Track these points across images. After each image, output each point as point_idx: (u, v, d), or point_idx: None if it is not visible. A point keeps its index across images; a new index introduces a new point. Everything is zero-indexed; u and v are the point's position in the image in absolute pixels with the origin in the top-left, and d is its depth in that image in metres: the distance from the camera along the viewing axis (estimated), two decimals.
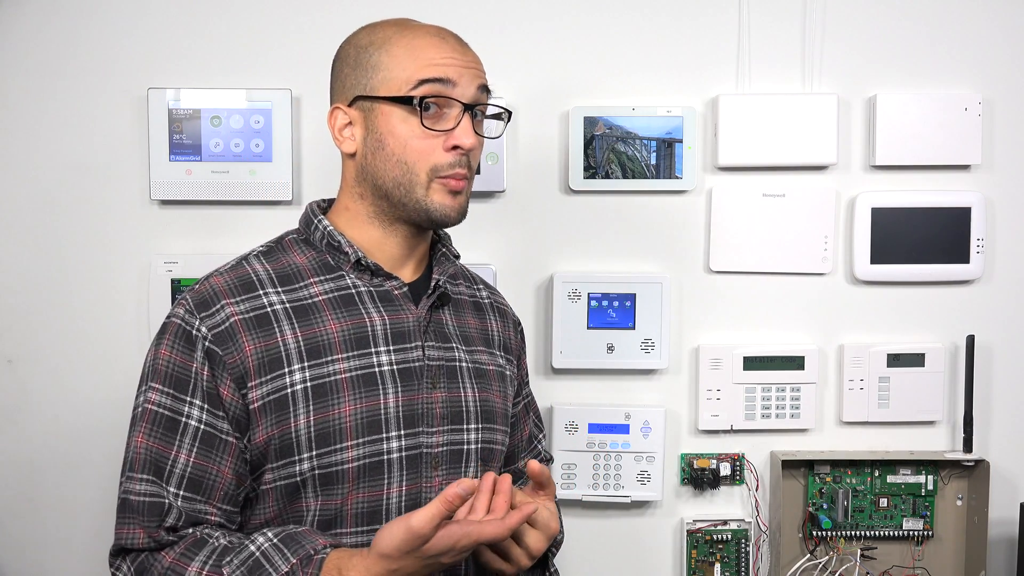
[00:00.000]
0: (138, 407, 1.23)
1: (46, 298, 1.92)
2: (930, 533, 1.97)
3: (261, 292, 1.25)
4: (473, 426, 1.30)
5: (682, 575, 1.98)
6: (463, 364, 1.32)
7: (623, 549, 2.00)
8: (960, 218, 1.94)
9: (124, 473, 1.22)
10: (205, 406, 1.20)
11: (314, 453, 1.20)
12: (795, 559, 1.96)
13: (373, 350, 1.24)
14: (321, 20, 1.90)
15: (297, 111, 1.91)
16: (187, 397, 1.21)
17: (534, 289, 1.96)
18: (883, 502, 1.97)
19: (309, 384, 1.21)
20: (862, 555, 1.96)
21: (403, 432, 1.24)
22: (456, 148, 1.23)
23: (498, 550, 1.20)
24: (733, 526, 1.97)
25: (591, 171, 1.92)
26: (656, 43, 1.94)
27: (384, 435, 1.22)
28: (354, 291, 1.27)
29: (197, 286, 1.26)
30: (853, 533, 1.96)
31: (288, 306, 1.24)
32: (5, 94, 1.90)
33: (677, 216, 1.96)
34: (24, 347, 1.93)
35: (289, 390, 1.20)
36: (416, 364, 1.26)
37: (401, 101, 1.23)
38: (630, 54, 1.94)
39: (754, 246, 1.95)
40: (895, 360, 1.95)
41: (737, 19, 1.95)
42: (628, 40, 1.94)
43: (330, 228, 1.28)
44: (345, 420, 1.21)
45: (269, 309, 1.24)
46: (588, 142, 1.92)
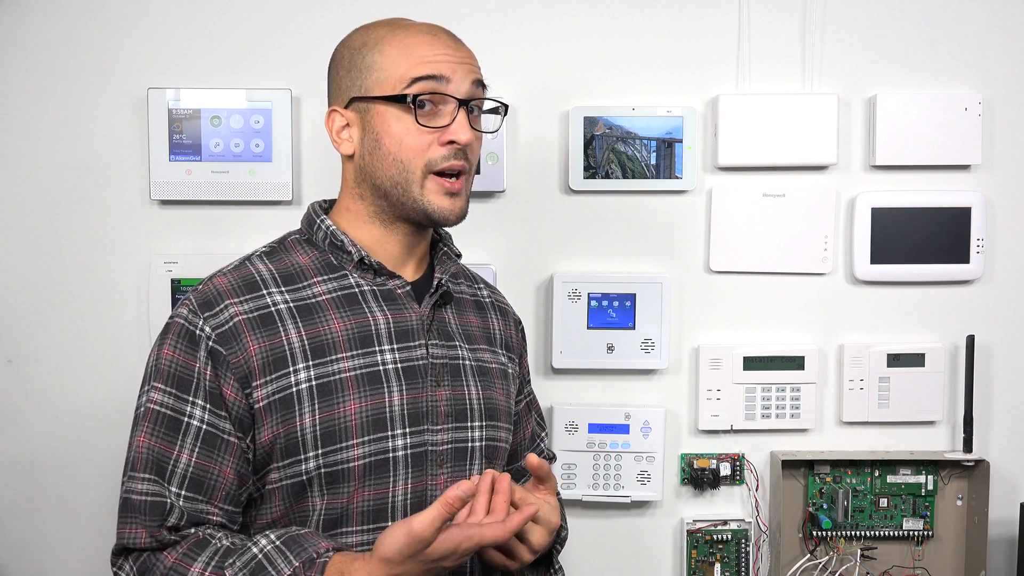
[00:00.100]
0: (140, 407, 1.23)
1: (46, 298, 1.92)
2: (930, 533, 1.97)
3: (265, 292, 1.25)
4: (477, 424, 1.31)
5: (682, 575, 1.99)
6: (466, 362, 1.32)
7: (623, 549, 2.00)
8: (960, 218, 1.94)
9: (126, 473, 1.22)
10: (207, 406, 1.20)
11: (320, 452, 1.20)
12: (795, 559, 1.96)
13: (377, 348, 1.25)
14: (321, 20, 1.90)
15: (297, 111, 1.91)
16: (189, 397, 1.21)
17: (534, 289, 1.96)
18: (883, 502, 1.97)
19: (314, 383, 1.21)
20: (862, 555, 1.96)
21: (408, 430, 1.24)
22: (451, 143, 1.24)
23: (501, 546, 1.20)
24: (733, 526, 1.97)
25: (591, 171, 1.92)
26: (656, 43, 1.94)
27: (389, 433, 1.23)
28: (357, 290, 1.27)
29: (201, 286, 1.26)
30: (853, 533, 1.96)
31: (292, 305, 1.25)
32: (5, 94, 1.90)
33: (677, 216, 1.96)
34: (24, 347, 1.93)
35: (294, 389, 1.21)
36: (420, 362, 1.27)
37: (395, 100, 1.23)
38: (630, 54, 1.94)
39: (754, 246, 1.95)
40: (895, 360, 1.95)
41: (737, 19, 1.95)
42: (628, 40, 1.94)
43: (333, 228, 1.29)
44: (350, 418, 1.21)
45: (273, 309, 1.24)
46: (588, 142, 1.92)
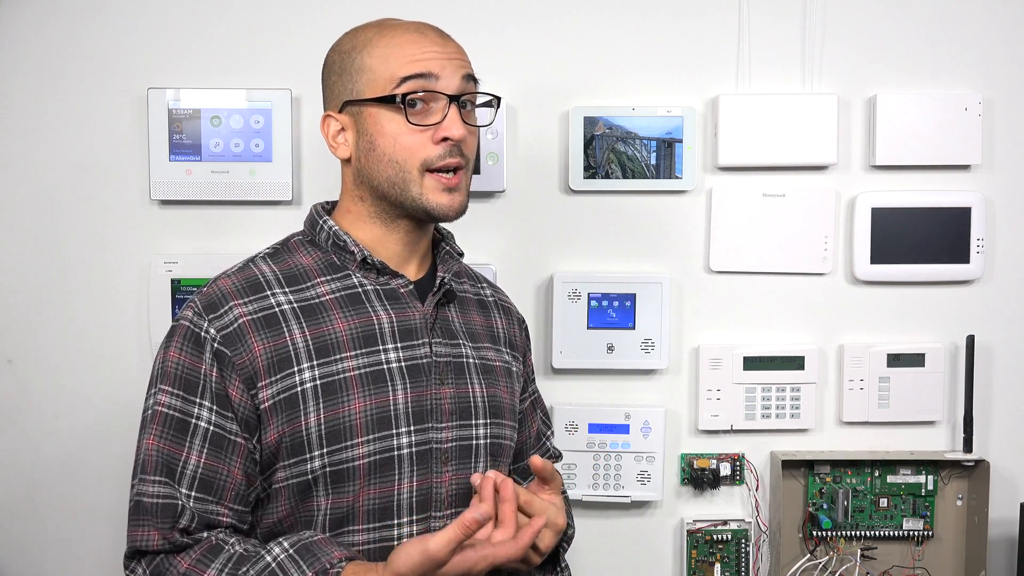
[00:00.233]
0: (148, 410, 1.24)
1: (46, 298, 1.92)
2: (930, 533, 1.97)
3: (269, 293, 1.26)
4: (482, 421, 1.31)
5: (682, 575, 1.99)
6: (470, 360, 1.33)
7: (623, 549, 2.00)
8: (960, 218, 1.94)
9: (136, 476, 1.22)
10: (214, 407, 1.21)
11: (325, 450, 1.21)
12: (795, 559, 1.96)
13: (381, 347, 1.25)
14: (321, 20, 1.90)
15: (297, 111, 1.91)
16: (196, 399, 1.21)
17: (534, 289, 1.96)
18: (883, 502, 1.97)
19: (319, 382, 1.22)
20: (862, 555, 1.96)
21: (412, 428, 1.24)
22: (445, 140, 1.24)
23: None
24: (733, 526, 1.97)
25: (591, 171, 1.92)
26: (656, 43, 1.94)
27: (394, 431, 1.23)
28: (361, 290, 1.28)
29: (205, 289, 1.27)
30: (853, 533, 1.96)
31: (296, 306, 1.25)
32: (5, 94, 1.90)
33: (677, 216, 1.96)
34: (24, 347, 1.93)
35: (299, 388, 1.21)
36: (424, 361, 1.27)
37: (386, 101, 1.24)
38: (630, 54, 1.94)
39: (754, 246, 1.95)
40: (895, 360, 1.95)
41: (737, 19, 1.95)
42: (628, 40, 1.94)
43: (336, 228, 1.29)
44: (355, 417, 1.22)
45: (277, 309, 1.25)
46: (588, 142, 1.92)
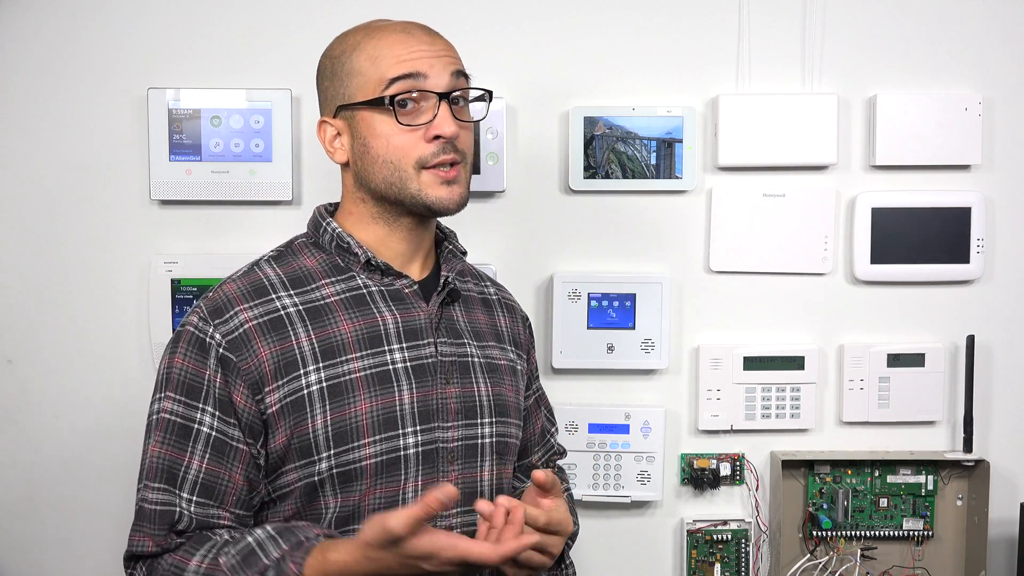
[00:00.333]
0: (152, 415, 1.25)
1: (46, 298, 1.92)
2: (930, 533, 1.97)
3: (274, 296, 1.26)
4: (487, 420, 1.32)
5: (682, 575, 1.99)
6: (475, 359, 1.33)
7: (623, 549, 2.00)
8: (960, 218, 1.94)
9: (141, 480, 1.24)
10: (217, 413, 1.22)
11: (332, 452, 1.22)
12: (795, 559, 1.96)
13: (386, 348, 1.26)
14: (321, 20, 1.90)
15: (297, 111, 1.91)
16: (199, 404, 1.22)
17: (534, 289, 1.96)
18: (883, 502, 1.97)
19: (325, 384, 1.23)
20: (862, 555, 1.96)
21: (419, 428, 1.25)
22: (438, 138, 1.25)
23: (520, 561, 1.19)
24: (733, 526, 1.97)
25: (591, 171, 1.92)
26: (656, 43, 1.94)
27: (400, 431, 1.24)
28: (365, 291, 1.29)
29: (211, 294, 1.27)
30: (853, 533, 1.96)
31: (301, 308, 1.26)
32: (5, 94, 1.90)
33: (677, 216, 1.96)
34: (24, 347, 1.93)
35: (305, 391, 1.22)
36: (429, 360, 1.28)
37: (376, 103, 1.25)
38: (630, 54, 1.94)
39: (754, 246, 1.95)
40: (895, 360, 1.95)
41: (737, 19, 1.94)
42: (628, 40, 1.94)
43: (339, 230, 1.30)
44: (361, 418, 1.22)
45: (283, 312, 1.25)
46: (588, 142, 1.92)
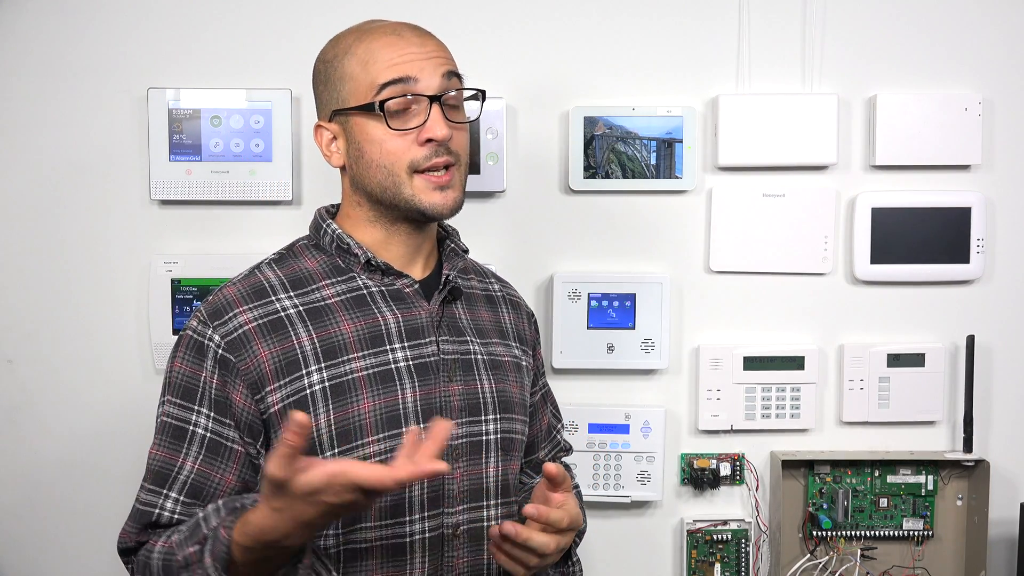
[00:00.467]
0: (156, 419, 1.27)
1: (46, 298, 1.92)
2: (930, 533, 1.97)
3: (273, 298, 1.27)
4: (491, 417, 1.32)
5: (682, 575, 1.99)
6: (478, 357, 1.33)
7: (623, 549, 1.99)
8: (960, 218, 1.94)
9: (141, 481, 1.26)
10: (212, 414, 1.23)
11: (336, 451, 1.22)
12: (795, 559, 1.96)
13: (388, 347, 1.26)
14: (321, 20, 1.90)
15: (297, 111, 1.91)
16: (195, 406, 1.23)
17: (534, 289, 1.96)
18: (883, 502, 1.97)
19: (327, 384, 1.23)
20: (862, 555, 1.96)
21: (422, 426, 1.25)
22: (430, 141, 1.25)
23: (517, 556, 1.19)
24: (733, 526, 1.97)
25: (591, 171, 1.92)
26: (656, 43, 1.94)
27: (404, 430, 1.24)
28: (366, 291, 1.29)
29: (211, 297, 1.28)
30: (853, 533, 1.96)
31: (301, 309, 1.27)
32: (5, 94, 1.90)
33: (677, 216, 1.96)
34: (24, 347, 1.93)
35: (308, 391, 1.23)
36: (431, 359, 1.28)
37: (367, 109, 1.25)
38: (630, 54, 1.94)
39: (754, 246, 1.95)
40: (895, 360, 1.95)
41: (737, 19, 1.95)
42: (628, 40, 1.94)
43: (339, 231, 1.30)
44: (364, 417, 1.23)
45: (283, 314, 1.26)
46: (588, 142, 1.92)
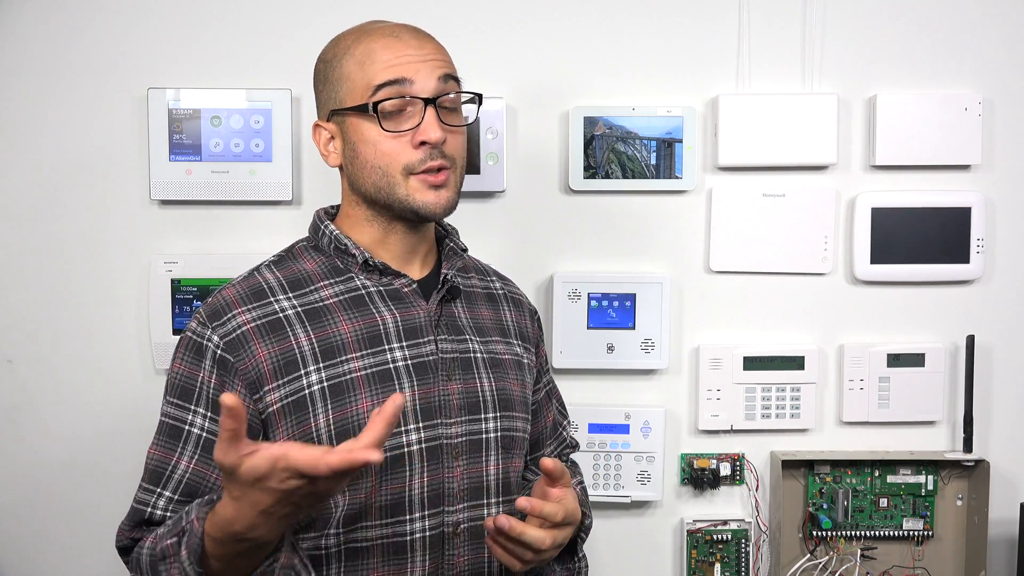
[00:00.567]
0: (159, 421, 1.28)
1: (46, 298, 1.92)
2: (930, 533, 1.97)
3: (272, 299, 1.28)
4: (491, 415, 1.32)
5: (682, 575, 1.99)
6: (477, 355, 1.34)
7: (623, 549, 1.99)
8: (960, 218, 1.94)
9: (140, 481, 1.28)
10: (208, 414, 1.24)
11: None
12: (795, 559, 1.96)
13: (386, 347, 1.27)
14: (321, 20, 1.90)
15: (297, 111, 1.91)
16: (191, 406, 1.24)
17: (534, 289, 1.96)
18: (883, 502, 1.97)
19: (326, 384, 1.24)
20: (862, 555, 1.96)
21: (421, 424, 1.26)
22: (424, 144, 1.25)
23: (512, 551, 1.20)
24: (733, 526, 1.97)
25: (591, 171, 1.92)
26: (656, 43, 1.94)
27: (403, 428, 1.25)
28: (364, 292, 1.30)
29: (210, 299, 1.29)
30: (853, 533, 1.96)
31: (300, 310, 1.27)
32: (5, 94, 1.90)
33: (677, 216, 1.96)
34: (24, 347, 1.93)
35: (307, 391, 1.23)
36: (430, 358, 1.29)
37: (363, 109, 1.25)
38: (630, 54, 1.94)
39: (754, 246, 1.95)
40: (895, 360, 1.95)
41: (737, 19, 1.95)
42: (628, 40, 1.94)
43: (336, 232, 1.31)
44: (363, 416, 1.23)
45: (281, 315, 1.27)
46: (588, 142, 1.92)
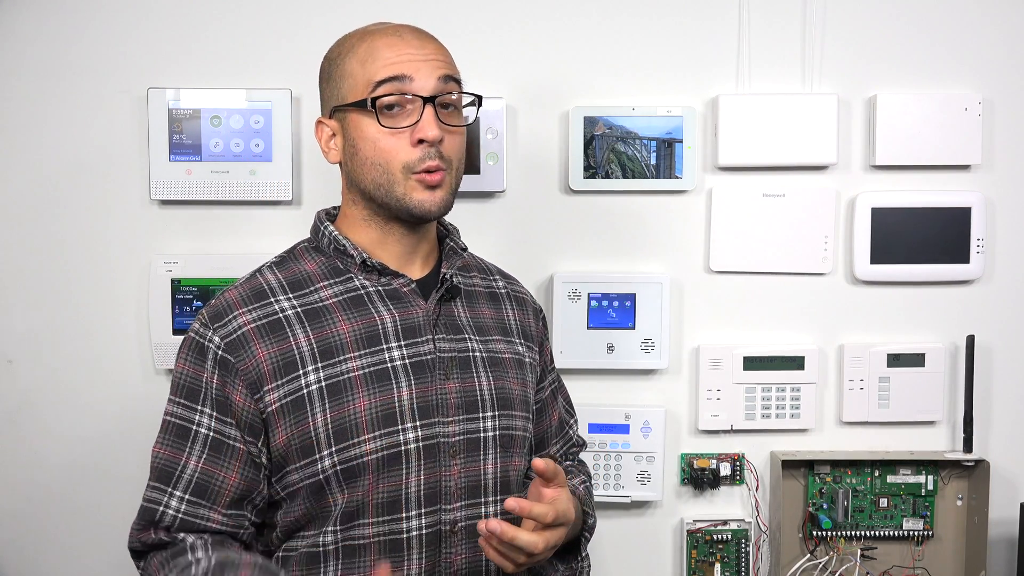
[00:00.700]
0: (162, 420, 1.29)
1: (46, 298, 1.92)
2: (930, 533, 1.97)
3: (272, 300, 1.29)
4: (489, 414, 1.33)
5: (682, 575, 1.99)
6: (476, 354, 1.34)
7: (623, 549, 2.00)
8: (960, 218, 1.94)
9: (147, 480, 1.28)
10: (214, 414, 1.25)
11: (333, 449, 1.24)
12: (795, 559, 1.96)
13: (384, 347, 1.28)
14: (321, 20, 1.90)
15: (297, 111, 1.91)
16: (198, 406, 1.26)
17: (534, 289, 1.96)
18: (883, 502, 1.97)
19: (324, 383, 1.25)
20: (862, 555, 1.96)
21: (419, 423, 1.26)
22: (422, 142, 1.26)
23: (506, 554, 1.19)
24: (733, 526, 1.97)
25: (591, 171, 1.92)
26: (656, 43, 1.94)
27: (400, 427, 1.25)
28: (363, 292, 1.31)
29: (213, 300, 1.31)
30: (853, 533, 1.96)
31: (300, 310, 1.29)
32: (5, 94, 1.90)
33: (677, 216, 1.96)
34: (24, 347, 1.93)
35: (305, 391, 1.25)
36: (428, 357, 1.29)
37: (362, 105, 1.26)
38: (630, 54, 1.94)
39: (754, 246, 1.95)
40: (895, 360, 1.95)
41: (737, 19, 1.95)
42: (628, 40, 1.94)
43: (335, 233, 1.33)
44: (360, 415, 1.24)
45: (281, 315, 1.28)
46: (588, 142, 1.92)
